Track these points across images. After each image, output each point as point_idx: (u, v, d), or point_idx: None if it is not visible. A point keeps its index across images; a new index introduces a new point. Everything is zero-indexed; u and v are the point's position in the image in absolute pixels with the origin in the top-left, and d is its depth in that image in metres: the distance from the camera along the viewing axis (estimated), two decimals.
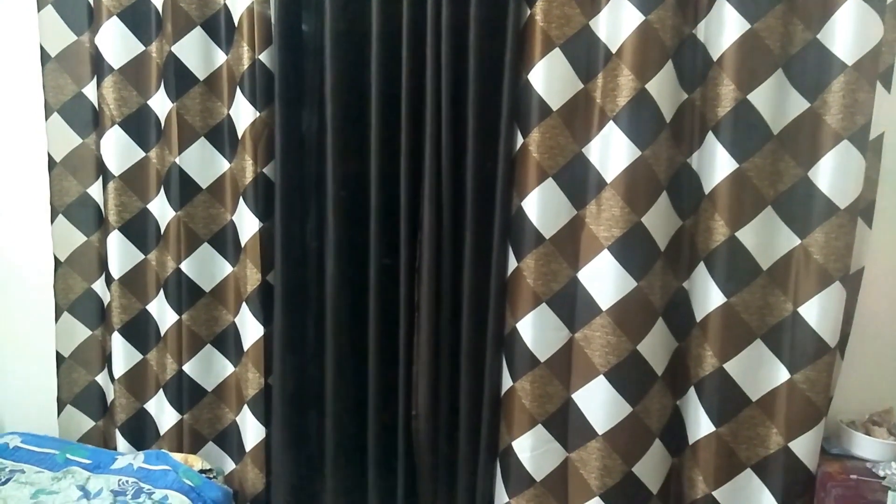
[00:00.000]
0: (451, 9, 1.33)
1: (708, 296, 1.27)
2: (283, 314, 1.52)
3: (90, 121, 1.64)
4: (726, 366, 1.27)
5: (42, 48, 1.60)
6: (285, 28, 1.47)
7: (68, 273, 1.69)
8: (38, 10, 1.58)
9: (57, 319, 1.69)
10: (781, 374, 1.25)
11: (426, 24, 1.35)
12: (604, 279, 1.30)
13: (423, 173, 1.40)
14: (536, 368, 1.36)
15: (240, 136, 1.53)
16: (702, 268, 1.28)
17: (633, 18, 1.24)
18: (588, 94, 1.32)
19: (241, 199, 1.55)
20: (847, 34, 1.14)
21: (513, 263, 1.37)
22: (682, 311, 1.32)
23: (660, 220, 1.28)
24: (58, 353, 1.70)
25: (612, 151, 1.29)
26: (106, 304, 1.69)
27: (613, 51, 1.28)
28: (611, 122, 1.28)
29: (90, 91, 1.63)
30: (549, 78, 1.29)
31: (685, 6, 1.27)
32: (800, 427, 1.25)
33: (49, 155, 1.64)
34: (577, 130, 1.32)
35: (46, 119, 1.62)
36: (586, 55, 1.30)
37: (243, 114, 1.51)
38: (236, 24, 1.51)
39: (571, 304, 1.34)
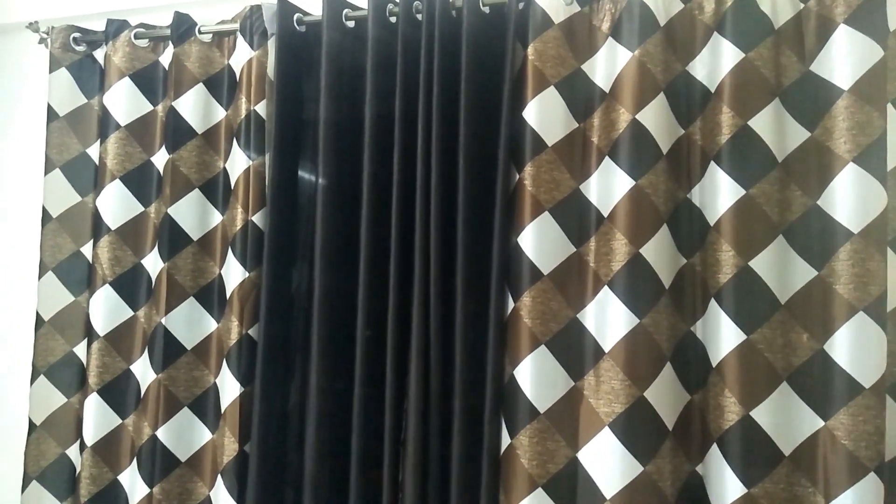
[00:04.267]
0: (439, 172, 1.33)
1: (724, 485, 1.12)
2: (257, 489, 1.39)
3: (83, 280, 1.63)
4: None
5: (44, 209, 1.62)
6: (278, 189, 1.48)
7: (42, 437, 1.59)
8: (45, 173, 1.63)
9: (24, 489, 1.57)
10: None
11: (416, 187, 1.35)
12: (606, 461, 1.17)
13: (410, 338, 1.33)
14: None
15: (228, 296, 1.49)
16: (715, 451, 1.15)
17: (623, 184, 1.21)
18: (581, 258, 1.26)
19: (224, 362, 1.48)
20: (848, 201, 1.09)
21: (506, 440, 1.25)
22: (697, 501, 1.17)
23: (665, 396, 1.17)
24: None
25: (608, 319, 1.21)
26: (77, 473, 1.58)
27: (605, 215, 1.24)
28: (606, 288, 1.22)
29: (87, 251, 1.63)
30: (539, 241, 1.25)
31: (678, 171, 1.24)
32: None
33: (38, 314, 1.61)
34: (570, 295, 1.25)
35: (40, 278, 1.61)
36: (578, 219, 1.27)
37: (233, 274, 1.49)
38: (233, 187, 1.53)
39: (571, 489, 1.20)
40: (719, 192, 1.18)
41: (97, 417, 1.54)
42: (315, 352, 1.39)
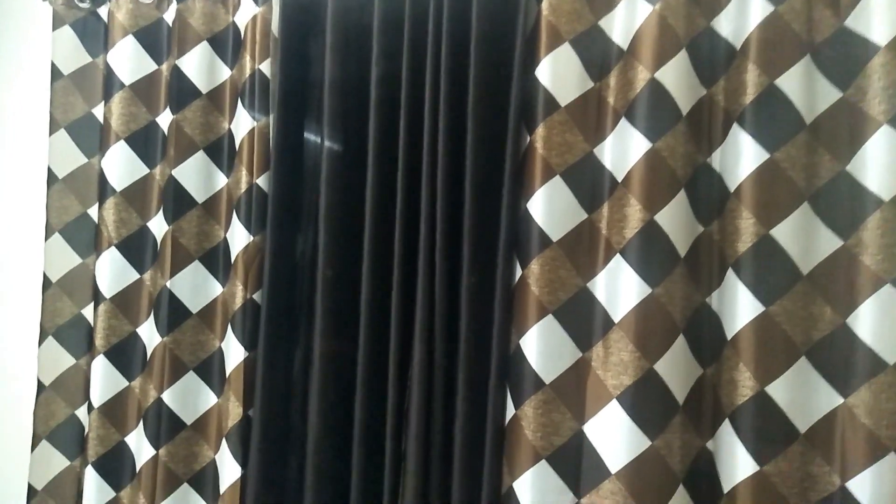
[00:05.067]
0: (448, 135, 1.27)
1: (735, 462, 1.08)
2: (259, 454, 1.38)
3: (90, 242, 1.61)
4: None
5: (50, 170, 1.60)
6: (282, 151, 1.43)
7: (51, 398, 1.60)
8: (50, 134, 1.60)
9: (33, 448, 1.59)
10: None
11: (422, 149, 1.30)
12: (613, 435, 1.13)
13: (415, 305, 1.29)
14: None
15: (233, 260, 1.47)
16: (727, 427, 1.10)
17: (639, 146, 1.15)
18: (593, 225, 1.21)
19: (229, 327, 1.46)
20: (880, 166, 1.02)
21: (511, 410, 1.22)
22: (707, 477, 1.13)
23: (676, 369, 1.12)
24: (30, 485, 1.58)
25: (620, 288, 1.16)
26: (85, 433, 1.59)
27: (619, 179, 1.18)
28: (618, 256, 1.16)
29: (93, 213, 1.61)
30: (550, 207, 1.19)
31: (698, 134, 1.17)
32: None
33: (45, 275, 1.60)
34: (580, 264, 1.20)
35: (46, 240, 1.60)
36: (590, 184, 1.21)
37: (238, 238, 1.46)
38: (237, 149, 1.49)
39: (576, 463, 1.17)
40: (741, 156, 1.11)
41: (104, 379, 1.54)
42: (319, 318, 1.37)
